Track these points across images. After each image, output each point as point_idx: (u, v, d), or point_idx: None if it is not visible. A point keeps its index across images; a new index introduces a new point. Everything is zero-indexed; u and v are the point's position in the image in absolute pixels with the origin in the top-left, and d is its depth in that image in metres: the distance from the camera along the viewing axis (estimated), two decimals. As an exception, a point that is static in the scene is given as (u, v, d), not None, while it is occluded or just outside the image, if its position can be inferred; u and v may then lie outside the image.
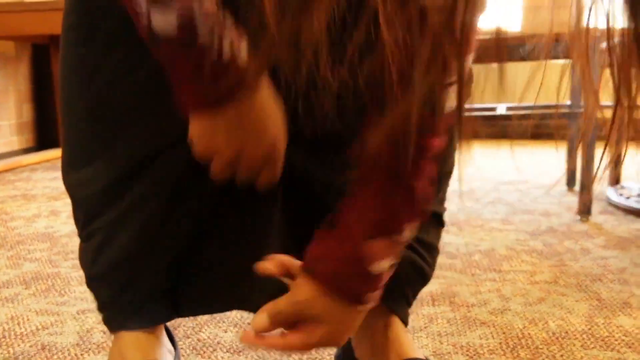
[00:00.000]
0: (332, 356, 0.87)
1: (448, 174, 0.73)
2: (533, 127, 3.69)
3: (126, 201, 0.62)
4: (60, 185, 2.27)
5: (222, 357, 0.87)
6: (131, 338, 0.71)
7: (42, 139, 3.34)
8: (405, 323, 0.75)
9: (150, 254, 0.66)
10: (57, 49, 2.82)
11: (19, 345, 0.92)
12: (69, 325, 0.99)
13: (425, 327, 0.97)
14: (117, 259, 0.66)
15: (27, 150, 3.20)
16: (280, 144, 0.58)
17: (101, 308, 0.71)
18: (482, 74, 0.46)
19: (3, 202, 2.00)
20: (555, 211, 1.76)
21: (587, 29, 0.48)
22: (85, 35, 0.59)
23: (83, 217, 0.67)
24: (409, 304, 0.75)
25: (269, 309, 0.57)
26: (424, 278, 0.74)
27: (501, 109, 2.07)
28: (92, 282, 0.70)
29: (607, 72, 0.49)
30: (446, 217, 0.79)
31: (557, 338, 0.93)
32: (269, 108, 0.55)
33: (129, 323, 0.70)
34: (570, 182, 2.08)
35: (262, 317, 0.56)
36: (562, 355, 0.87)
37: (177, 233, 0.65)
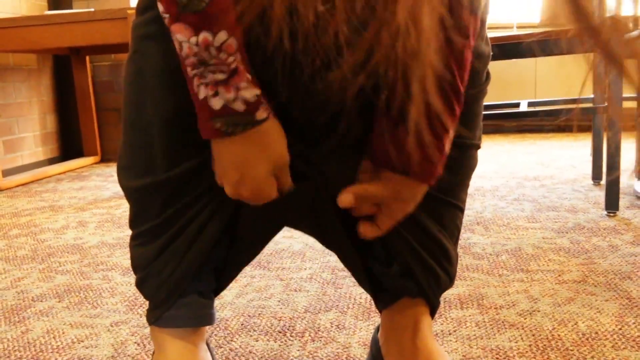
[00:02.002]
0: (363, 363, 0.87)
1: (471, 168, 0.73)
2: (557, 121, 3.66)
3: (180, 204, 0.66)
4: (87, 195, 2.31)
5: (254, 367, 0.88)
6: (173, 349, 0.72)
7: (67, 149, 3.39)
8: (433, 312, 0.76)
9: (199, 256, 0.69)
10: (78, 59, 2.86)
11: (56, 359, 0.94)
12: (104, 338, 1.01)
13: (454, 331, 0.97)
14: (165, 255, 0.69)
15: (52, 161, 3.25)
16: (284, 159, 0.62)
17: (147, 297, 0.73)
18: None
19: (32, 215, 2.03)
20: (581, 207, 1.74)
21: (616, 19, 0.47)
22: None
23: (136, 216, 0.70)
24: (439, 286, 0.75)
25: (356, 191, 0.63)
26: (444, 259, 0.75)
27: (524, 105, 2.06)
28: (141, 274, 0.72)
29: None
30: (471, 216, 0.79)
31: (587, 339, 0.92)
32: (272, 134, 0.59)
33: (171, 319, 0.72)
34: (596, 176, 2.06)
35: (347, 196, 0.63)
36: (592, 357, 0.87)
37: (221, 235, 0.69)
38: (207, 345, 0.79)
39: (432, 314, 0.76)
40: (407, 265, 0.71)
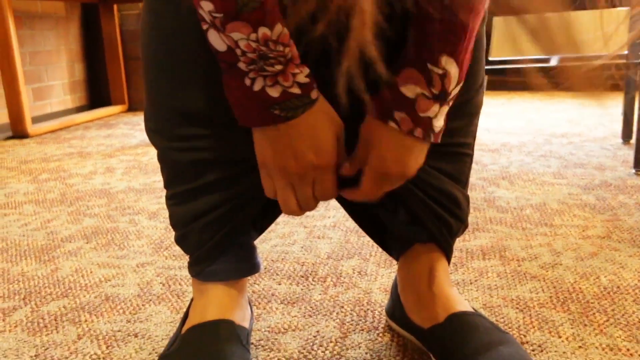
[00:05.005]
0: (384, 309, 0.89)
1: (476, 111, 0.71)
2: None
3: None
4: (114, 142, 2.34)
5: (277, 308, 0.90)
6: (214, 294, 0.73)
7: (94, 98, 3.42)
8: (449, 257, 0.76)
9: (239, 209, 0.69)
10: (106, 8, 2.86)
11: (84, 296, 0.97)
12: (130, 278, 1.03)
13: (475, 281, 0.98)
14: (206, 212, 0.69)
15: (79, 109, 3.29)
16: (342, 124, 0.60)
17: (188, 253, 0.74)
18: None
19: (60, 160, 2.07)
20: (609, 165, 1.72)
21: None
22: None
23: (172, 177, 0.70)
24: (450, 233, 0.75)
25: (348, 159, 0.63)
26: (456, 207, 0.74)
27: (554, 60, 2.02)
28: (183, 229, 0.72)
29: None
30: (496, 170, 0.78)
31: (608, 293, 0.92)
32: (327, 104, 0.59)
33: (215, 273, 0.73)
34: (626, 134, 2.03)
35: (345, 165, 0.63)
36: (613, 310, 0.87)
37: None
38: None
39: (448, 258, 0.76)
40: (414, 214, 0.71)
